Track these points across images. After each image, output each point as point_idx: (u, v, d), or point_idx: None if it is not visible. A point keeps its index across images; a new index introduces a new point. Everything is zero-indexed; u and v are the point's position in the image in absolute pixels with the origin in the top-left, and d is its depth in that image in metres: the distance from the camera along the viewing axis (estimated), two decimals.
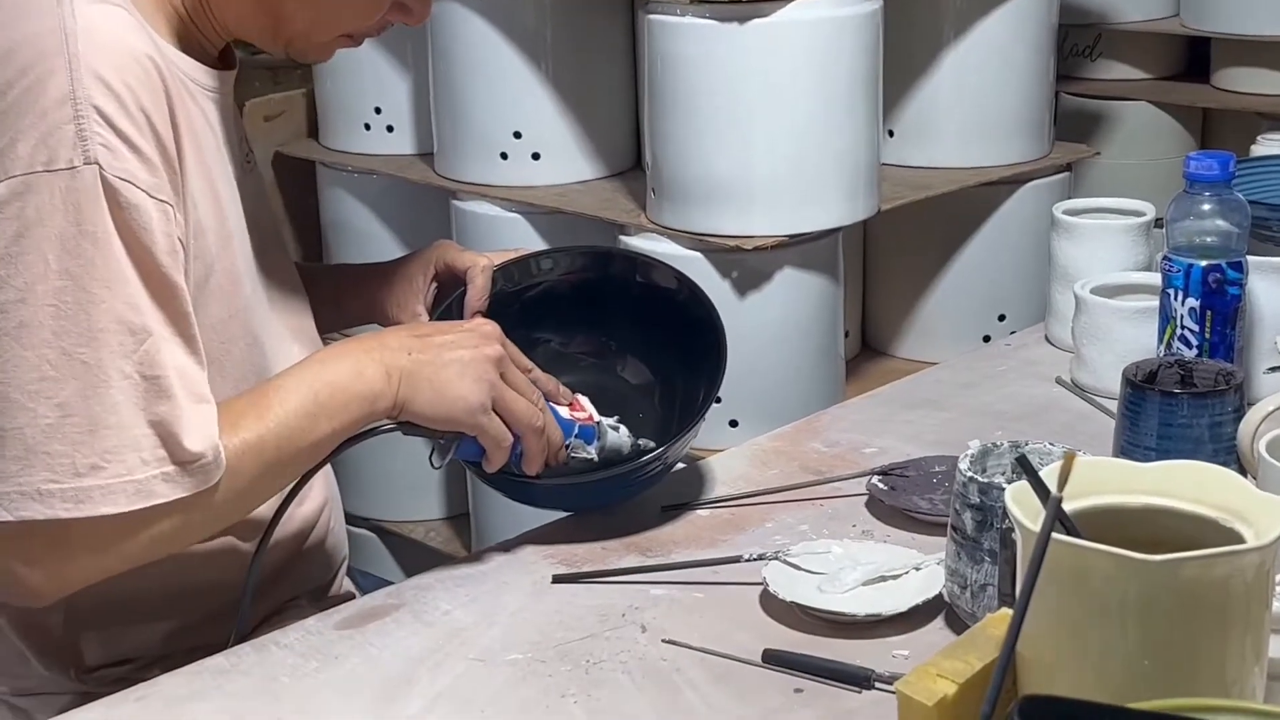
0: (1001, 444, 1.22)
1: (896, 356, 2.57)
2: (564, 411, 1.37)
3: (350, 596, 1.48)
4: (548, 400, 1.35)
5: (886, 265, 2.58)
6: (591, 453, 1.37)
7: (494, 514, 2.45)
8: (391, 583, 1.36)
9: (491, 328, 1.31)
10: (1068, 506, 0.90)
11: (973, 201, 2.44)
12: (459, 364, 1.27)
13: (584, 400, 1.41)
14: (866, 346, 2.63)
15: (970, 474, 1.16)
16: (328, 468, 1.41)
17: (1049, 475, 0.89)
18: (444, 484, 2.77)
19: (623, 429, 1.41)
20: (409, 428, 1.29)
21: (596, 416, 1.39)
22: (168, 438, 1.15)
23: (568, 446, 1.36)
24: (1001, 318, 2.47)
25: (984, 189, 2.42)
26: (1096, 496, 0.94)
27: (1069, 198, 2.36)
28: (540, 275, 1.50)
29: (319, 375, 1.24)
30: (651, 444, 1.41)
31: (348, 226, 2.70)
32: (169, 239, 1.16)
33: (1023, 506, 0.89)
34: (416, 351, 1.27)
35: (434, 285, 1.50)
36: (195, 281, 1.23)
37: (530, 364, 1.35)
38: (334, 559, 1.48)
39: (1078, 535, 0.88)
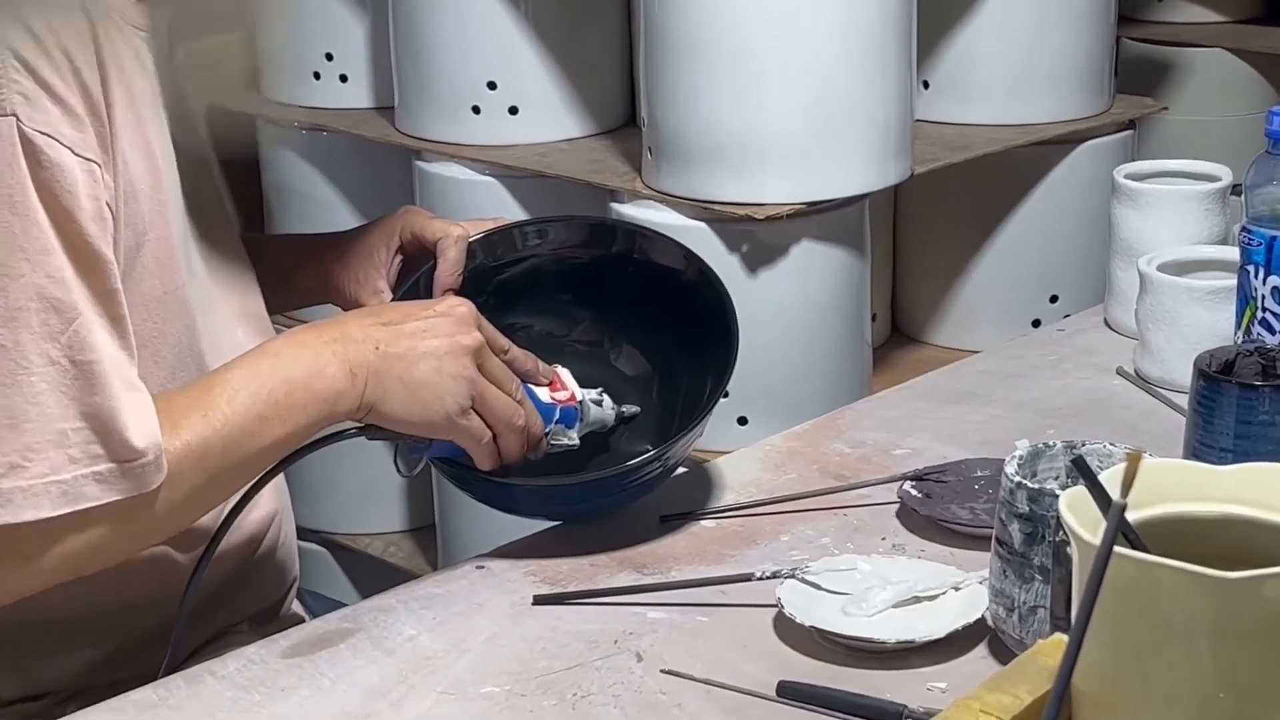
0: (1054, 445, 1.22)
1: (931, 344, 2.57)
2: (543, 394, 1.39)
3: (299, 620, 1.49)
4: (525, 382, 1.37)
5: (920, 238, 2.58)
6: (574, 438, 1.40)
7: (464, 525, 2.45)
8: (346, 605, 1.37)
9: (466, 309, 1.32)
10: (1131, 516, 0.91)
11: (1020, 164, 2.44)
12: (434, 358, 1.28)
13: (564, 375, 1.42)
14: (897, 332, 2.63)
15: (1018, 479, 1.16)
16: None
17: (1110, 480, 0.89)
18: (406, 492, 2.77)
19: (606, 401, 1.44)
20: (375, 431, 1.30)
21: (579, 394, 1.41)
22: (102, 432, 1.15)
23: (547, 434, 1.37)
24: (1054, 299, 2.47)
25: (1033, 149, 2.42)
26: (1164, 504, 0.95)
27: (1132, 160, 2.36)
28: (525, 250, 1.51)
29: (273, 370, 1.25)
30: (636, 408, 1.44)
31: (294, 192, 2.70)
32: (96, 203, 1.17)
33: (1080, 516, 0.90)
34: (385, 344, 1.28)
35: (399, 259, 1.51)
36: (125, 252, 1.23)
37: (506, 343, 1.37)
38: (283, 578, 1.49)
39: (1143, 549, 0.89)
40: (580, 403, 1.41)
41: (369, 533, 2.78)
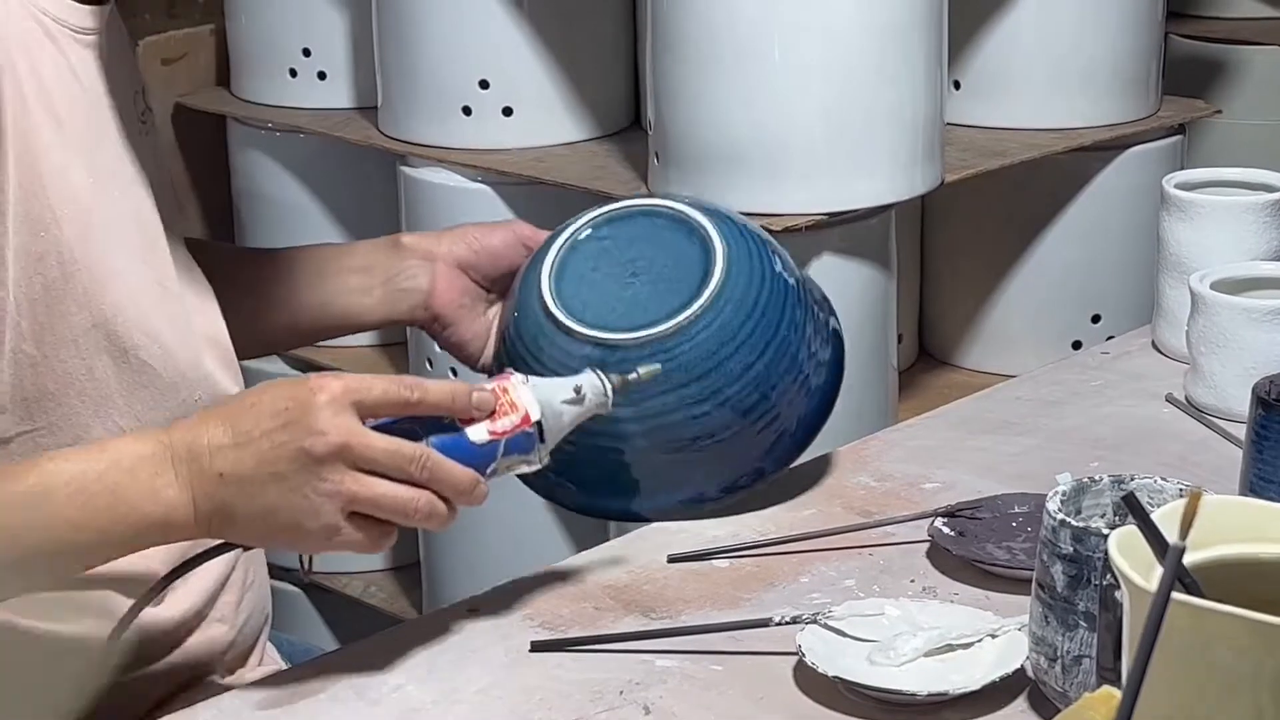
0: (1100, 479, 1.22)
1: (962, 367, 2.58)
2: (479, 434, 1.27)
3: (274, 667, 1.49)
4: (455, 427, 1.27)
5: (950, 252, 2.59)
6: (535, 460, 1.30)
7: (452, 564, 2.46)
8: (323, 650, 1.37)
9: (326, 397, 1.20)
10: (1186, 559, 0.91)
11: (1060, 172, 2.45)
12: (284, 482, 1.20)
13: (516, 390, 1.29)
14: (925, 354, 2.64)
15: (1061, 516, 1.17)
16: None
17: (1164, 519, 0.90)
18: None
19: (592, 383, 1.33)
20: (242, 546, 1.28)
21: (533, 413, 1.29)
22: None
23: (489, 475, 1.28)
24: (1096, 319, 2.48)
25: (1074, 156, 2.43)
26: (1221, 546, 0.95)
27: (1181, 167, 2.37)
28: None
29: (102, 476, 1.20)
30: (655, 366, 1.38)
31: (265, 199, 2.71)
32: None
33: (1130, 558, 0.90)
34: (230, 466, 1.20)
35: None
36: (46, 286, 1.23)
37: (414, 395, 1.24)
38: (254, 620, 1.49)
39: (1199, 594, 0.89)
40: (537, 424, 1.29)
41: (347, 571, 2.78)
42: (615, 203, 1.52)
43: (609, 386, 1.33)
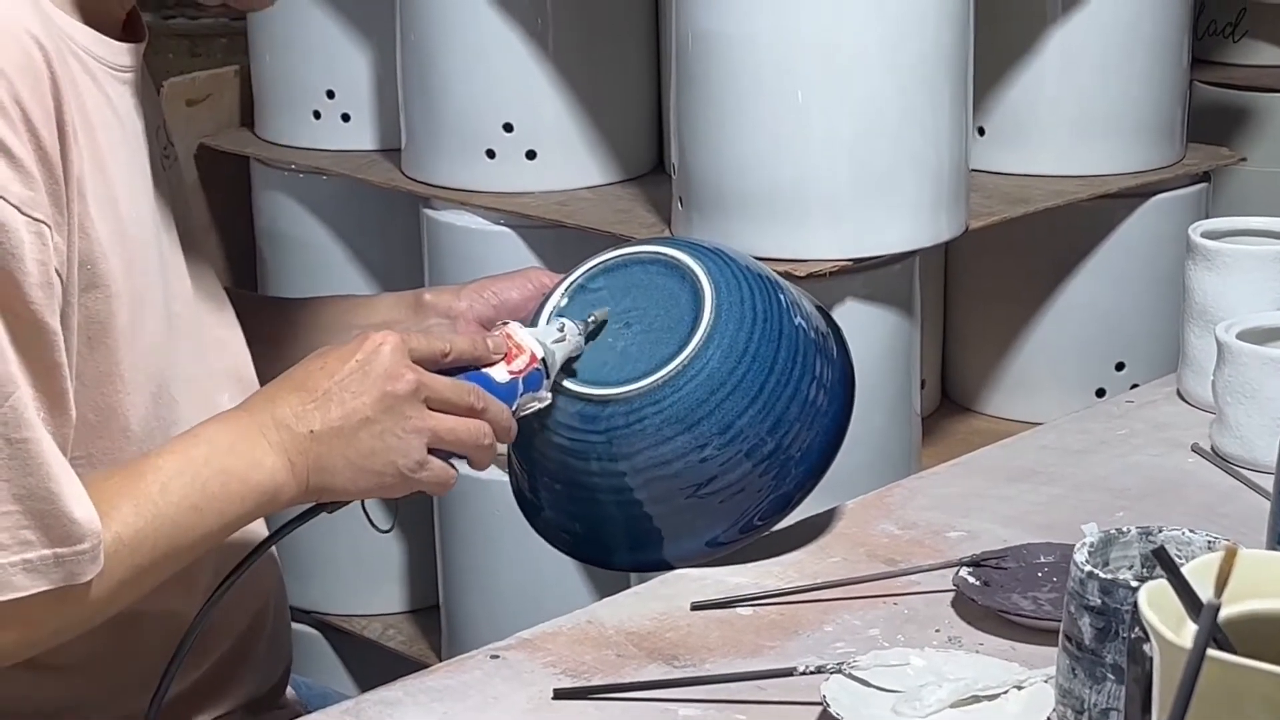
0: (1128, 530, 1.22)
1: (985, 413, 2.57)
2: (500, 374, 1.40)
3: (296, 712, 1.49)
4: (480, 371, 1.38)
5: (974, 298, 2.58)
6: (545, 397, 1.43)
7: (472, 607, 2.45)
8: (343, 695, 1.37)
9: (390, 345, 1.32)
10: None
11: (1084, 219, 2.45)
12: (373, 424, 1.30)
13: (518, 334, 1.42)
14: (947, 400, 2.63)
15: (1089, 568, 1.16)
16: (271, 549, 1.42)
17: (1194, 573, 0.89)
18: (406, 568, 2.77)
19: (569, 327, 1.44)
20: (335, 506, 1.34)
21: (538, 351, 1.42)
22: (38, 517, 1.16)
23: (515, 412, 1.40)
24: (1119, 367, 2.47)
25: (1098, 203, 2.43)
26: (1251, 601, 0.94)
27: (1207, 215, 2.37)
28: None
29: (208, 460, 1.26)
30: (604, 309, 1.47)
31: (289, 239, 2.71)
32: (43, 269, 1.17)
33: (1161, 613, 0.90)
34: (319, 423, 1.29)
35: None
36: (94, 319, 1.24)
37: (446, 344, 1.37)
38: (277, 662, 1.49)
39: (1230, 649, 0.88)
40: (542, 360, 1.42)
41: (366, 614, 2.77)
42: (613, 250, 1.53)
43: (579, 327, 1.45)
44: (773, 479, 1.46)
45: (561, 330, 1.44)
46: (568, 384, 1.44)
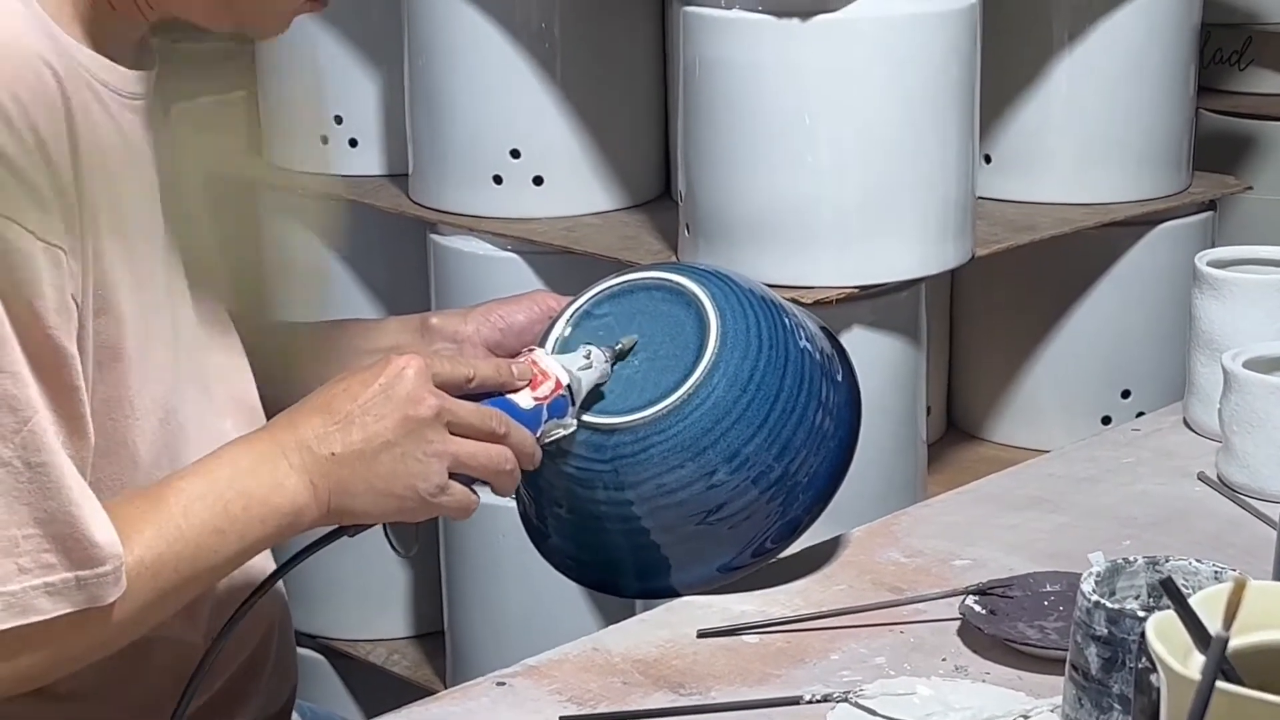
0: (1135, 560, 1.22)
1: (991, 441, 2.57)
2: (525, 400, 1.40)
3: None
4: (504, 397, 1.38)
5: (980, 326, 2.58)
6: (570, 424, 1.42)
7: (477, 632, 2.45)
8: None
9: (413, 369, 1.32)
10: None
11: (1090, 247, 2.45)
12: (394, 447, 1.30)
13: (544, 361, 1.42)
14: (953, 427, 2.63)
15: (1096, 598, 1.16)
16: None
17: (1202, 605, 0.89)
18: (411, 592, 2.77)
19: (595, 354, 1.44)
20: (355, 529, 1.34)
21: (563, 378, 1.41)
22: (59, 540, 1.16)
23: (538, 439, 1.40)
24: (1125, 394, 2.47)
25: (1104, 231, 2.43)
26: (1258, 632, 0.94)
27: (1213, 243, 2.37)
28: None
29: (230, 481, 1.27)
30: (632, 337, 1.46)
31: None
32: (59, 293, 1.17)
33: (1169, 644, 0.90)
34: (340, 445, 1.29)
35: None
36: (105, 344, 1.25)
37: (470, 369, 1.36)
38: (281, 689, 1.49)
39: (1237, 681, 0.88)
40: (567, 387, 1.41)
41: (370, 638, 2.77)
42: (619, 275, 1.53)
43: (605, 354, 1.44)
44: (780, 505, 1.46)
45: (588, 357, 1.44)
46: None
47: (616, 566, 1.49)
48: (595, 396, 1.45)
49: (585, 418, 1.44)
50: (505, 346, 1.55)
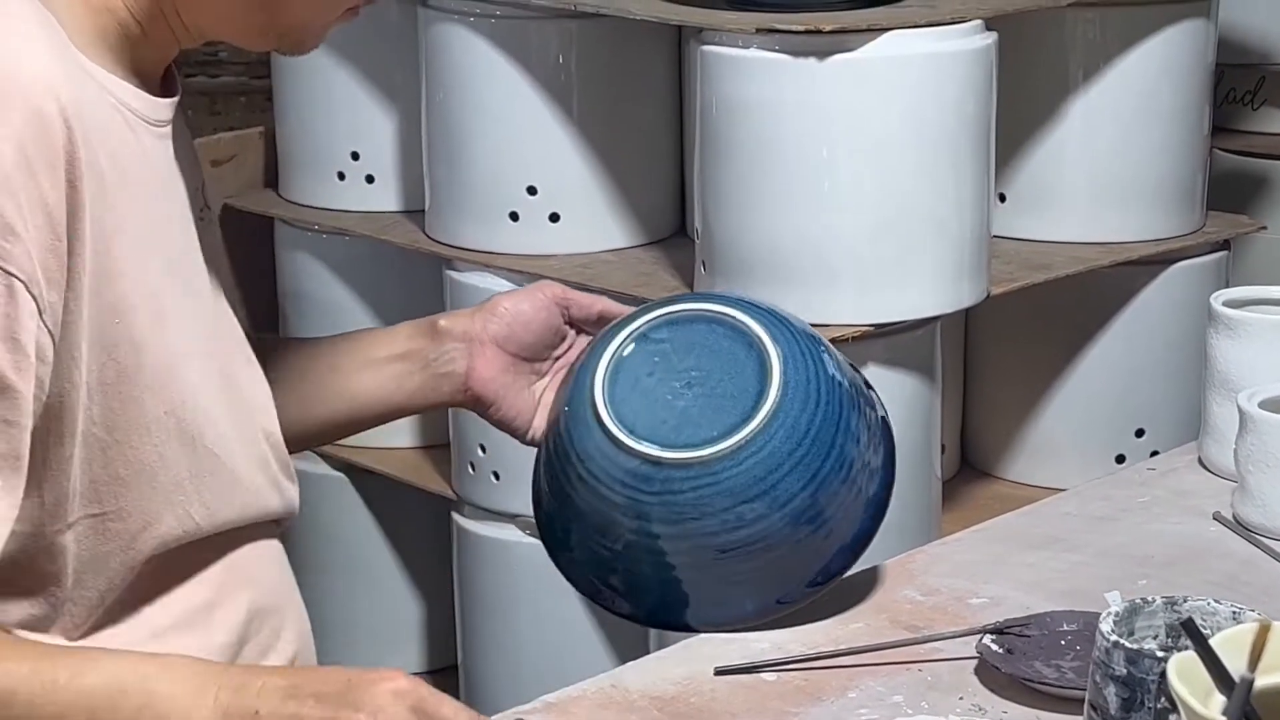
0: (1153, 600, 1.22)
1: (1005, 479, 2.57)
2: None
3: None
4: None
5: (994, 364, 2.59)
6: None
7: (491, 668, 2.45)
8: None
9: (392, 686, 1.23)
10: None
11: (1105, 286, 2.45)
12: None
13: None
14: (967, 465, 2.63)
15: (1115, 638, 1.16)
16: (300, 607, 1.42)
17: (1222, 646, 0.90)
18: (425, 629, 2.77)
19: None
20: None
21: None
22: None
23: None
24: (1140, 433, 2.47)
25: (1119, 270, 2.43)
26: (1277, 674, 0.95)
27: (1227, 283, 2.37)
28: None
29: (143, 679, 1.21)
30: None
31: (312, 299, 2.72)
32: (6, 321, 1.17)
33: (1189, 684, 0.90)
34: (269, 708, 1.21)
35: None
36: (120, 372, 1.25)
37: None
38: None
39: None
40: None
41: None
42: (677, 302, 1.52)
43: None
44: (812, 556, 1.47)
45: None
46: (622, 437, 1.44)
47: (639, 595, 1.49)
48: (649, 421, 1.44)
49: (634, 445, 1.43)
50: (514, 338, 1.55)
